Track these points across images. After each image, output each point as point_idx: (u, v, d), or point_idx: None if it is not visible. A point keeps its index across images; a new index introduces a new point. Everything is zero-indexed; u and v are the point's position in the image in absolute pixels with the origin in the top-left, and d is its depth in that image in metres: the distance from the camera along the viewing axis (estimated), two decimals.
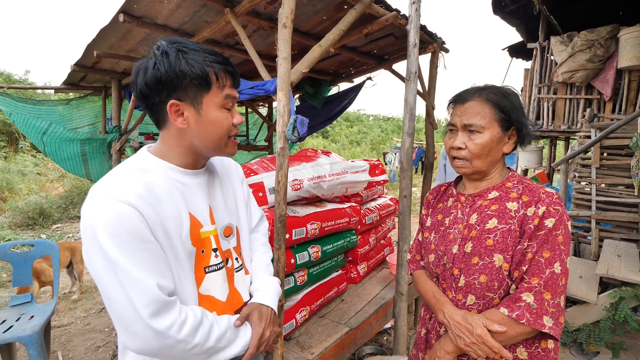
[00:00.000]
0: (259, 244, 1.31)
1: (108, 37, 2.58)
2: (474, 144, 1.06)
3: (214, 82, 0.92)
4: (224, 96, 0.94)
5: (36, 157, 10.01)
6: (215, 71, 0.92)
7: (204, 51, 0.92)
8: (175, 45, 0.90)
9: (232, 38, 2.73)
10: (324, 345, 2.05)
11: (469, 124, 1.06)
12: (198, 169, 1.04)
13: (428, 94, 3.16)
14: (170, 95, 0.90)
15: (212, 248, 1.03)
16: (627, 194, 4.19)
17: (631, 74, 5.33)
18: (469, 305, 1.08)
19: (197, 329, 0.90)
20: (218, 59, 0.93)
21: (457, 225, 1.15)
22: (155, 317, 0.82)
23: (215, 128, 0.95)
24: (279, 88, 1.68)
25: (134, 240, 0.82)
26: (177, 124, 0.93)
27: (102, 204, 0.82)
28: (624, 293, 2.89)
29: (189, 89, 0.90)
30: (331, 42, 1.94)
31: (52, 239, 6.35)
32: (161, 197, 0.91)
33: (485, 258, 1.04)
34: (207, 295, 1.02)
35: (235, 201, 1.17)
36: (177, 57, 0.88)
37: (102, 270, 0.81)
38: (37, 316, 2.57)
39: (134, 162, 0.96)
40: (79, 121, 4.23)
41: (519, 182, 1.12)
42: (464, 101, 1.10)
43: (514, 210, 1.06)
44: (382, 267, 3.23)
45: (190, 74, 0.88)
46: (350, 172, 2.60)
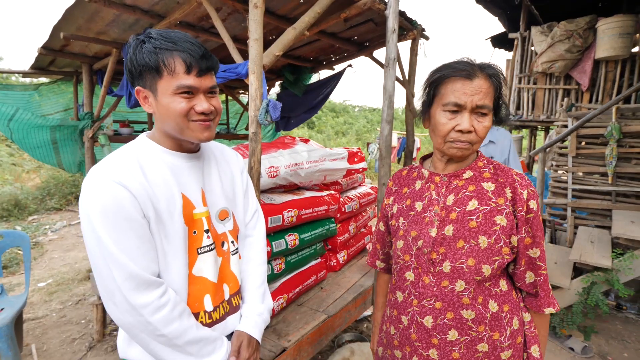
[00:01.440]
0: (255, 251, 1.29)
1: (75, 18, 2.46)
2: (483, 126, 0.99)
3: (163, 69, 0.93)
4: (177, 85, 0.94)
5: (10, 147, 9.66)
6: (163, 58, 0.93)
7: (163, 39, 0.94)
8: (142, 36, 0.96)
9: (207, 21, 2.64)
10: (301, 333, 2.04)
11: (481, 105, 0.96)
12: (190, 153, 1.08)
13: (408, 82, 3.14)
14: (137, 82, 0.98)
15: (204, 229, 1.07)
16: (602, 182, 4.30)
17: (608, 65, 5.42)
18: (459, 292, 1.02)
19: (172, 322, 0.94)
20: (172, 45, 0.94)
21: (433, 207, 1.09)
22: (133, 291, 0.89)
23: (169, 113, 0.96)
24: (251, 71, 1.63)
25: (122, 219, 0.88)
26: (145, 108, 1.01)
27: (96, 183, 0.90)
28: (596, 278, 2.97)
29: (145, 76, 0.96)
30: (306, 24, 1.89)
31: (28, 231, 6.17)
32: (154, 177, 0.97)
33: (470, 241, 1.01)
34: (200, 277, 1.06)
35: (233, 187, 1.20)
36: (136, 47, 0.95)
37: (92, 245, 0.89)
38: (7, 308, 2.50)
39: (132, 145, 1.03)
40: (49, 107, 4.06)
41: (488, 162, 1.11)
42: (472, 77, 0.96)
43: (491, 191, 1.05)
44: (362, 255, 3.24)
45: (143, 62, 0.94)
46: (328, 160, 2.57)
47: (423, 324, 1.06)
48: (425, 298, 1.06)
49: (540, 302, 1.06)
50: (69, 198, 8.06)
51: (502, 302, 1.04)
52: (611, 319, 3.38)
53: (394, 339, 1.17)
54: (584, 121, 3.91)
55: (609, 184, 4.17)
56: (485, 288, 1.03)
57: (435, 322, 1.04)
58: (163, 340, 0.93)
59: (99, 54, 3.37)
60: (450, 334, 1.03)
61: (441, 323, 1.04)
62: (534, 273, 1.04)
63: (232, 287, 1.16)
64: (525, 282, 1.06)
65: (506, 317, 1.04)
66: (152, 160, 1.00)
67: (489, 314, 1.02)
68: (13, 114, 3.32)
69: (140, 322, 0.90)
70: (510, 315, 1.05)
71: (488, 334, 1.02)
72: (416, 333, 1.08)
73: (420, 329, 1.07)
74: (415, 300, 1.08)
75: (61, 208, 7.76)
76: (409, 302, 1.11)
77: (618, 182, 4.17)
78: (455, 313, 1.02)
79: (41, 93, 3.99)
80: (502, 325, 1.03)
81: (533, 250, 1.02)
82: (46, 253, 5.32)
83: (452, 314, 1.03)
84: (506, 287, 1.06)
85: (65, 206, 7.86)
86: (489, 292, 1.03)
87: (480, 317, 1.02)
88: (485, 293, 1.03)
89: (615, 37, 5.07)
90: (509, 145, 2.89)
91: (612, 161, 4.00)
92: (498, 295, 1.04)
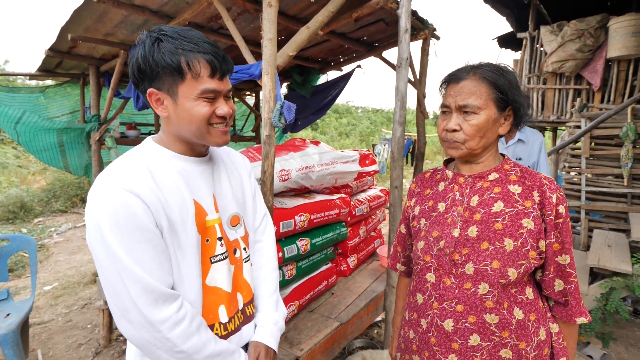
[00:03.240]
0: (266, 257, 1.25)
1: (83, 19, 2.42)
2: (469, 125, 1.00)
3: (187, 72, 0.87)
4: (201, 90, 0.89)
5: (17, 149, 9.69)
6: (187, 60, 0.87)
7: (182, 38, 0.88)
8: (154, 33, 0.88)
9: (216, 22, 2.60)
10: (314, 341, 1.99)
11: (463, 104, 0.99)
12: (200, 157, 1.03)
13: (419, 82, 3.08)
14: (150, 83, 0.90)
15: (217, 237, 1.02)
16: (616, 184, 4.21)
17: (620, 64, 5.33)
18: (483, 295, 0.98)
19: (191, 336, 0.90)
20: (195, 46, 0.87)
21: (456, 207, 1.07)
22: (149, 306, 0.84)
23: (191, 118, 0.91)
24: (264, 72, 1.58)
25: (135, 229, 0.83)
26: (158, 111, 0.93)
27: (106, 192, 0.84)
28: (615, 283, 2.89)
29: (163, 78, 0.88)
30: (319, 24, 1.84)
31: (34, 234, 6.16)
32: (166, 184, 0.92)
33: (495, 243, 0.98)
34: (214, 287, 1.01)
35: (242, 192, 1.16)
36: (152, 46, 0.87)
37: (103, 257, 0.83)
38: (13, 314, 2.47)
39: (139, 150, 0.97)
40: (56, 110, 4.04)
41: (514, 165, 1.09)
42: (459, 80, 1.02)
43: (518, 193, 1.02)
44: (372, 260, 3.18)
45: (162, 63, 0.86)
46: (339, 162, 2.51)
47: (443, 327, 1.02)
48: (446, 300, 1.02)
49: (571, 312, 1.02)
50: (74, 200, 8.06)
51: (528, 310, 1.00)
52: (629, 326, 3.29)
53: (413, 344, 1.13)
54: (598, 122, 3.83)
55: (625, 185, 4.08)
56: (511, 294, 0.99)
57: (456, 325, 1.00)
58: (182, 357, 0.89)
59: (107, 56, 3.33)
60: (472, 339, 0.99)
61: (462, 327, 1.00)
62: (564, 281, 1.01)
63: (245, 296, 1.12)
64: (554, 290, 1.02)
65: (533, 327, 1.00)
66: (161, 165, 0.94)
67: (514, 321, 0.98)
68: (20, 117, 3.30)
69: (158, 339, 0.85)
70: (537, 325, 1.01)
71: (513, 342, 0.98)
72: (435, 337, 1.04)
73: (440, 332, 1.03)
74: (436, 303, 1.05)
75: (67, 210, 7.76)
76: (429, 305, 1.07)
77: (634, 184, 4.08)
78: (478, 317, 0.98)
79: (47, 95, 3.97)
80: (529, 334, 0.99)
81: (562, 257, 0.99)
82: (52, 256, 5.30)
83: (475, 317, 0.99)
84: (532, 295, 1.02)
85: (70, 208, 7.85)
86: (515, 299, 0.99)
87: (505, 323, 0.98)
88: (511, 299, 0.99)
89: (628, 36, 4.98)
90: (540, 147, 2.75)
91: (627, 162, 3.92)
92: (524, 303, 1.00)
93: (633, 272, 2.87)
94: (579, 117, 4.76)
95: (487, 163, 1.09)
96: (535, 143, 2.75)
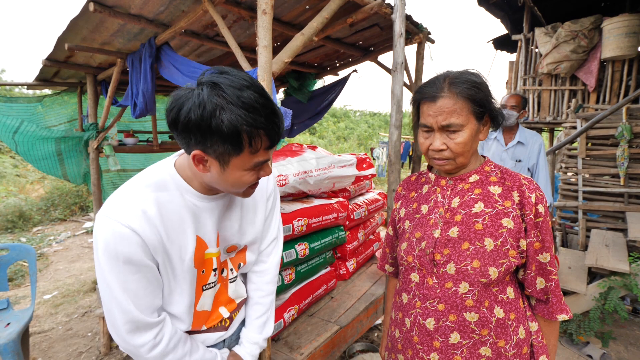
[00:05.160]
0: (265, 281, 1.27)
1: (79, 29, 2.44)
2: (455, 143, 1.01)
3: (246, 147, 0.82)
4: (255, 163, 0.87)
5: (15, 158, 9.70)
6: (250, 136, 0.81)
7: (245, 108, 0.79)
8: (215, 98, 0.78)
9: (212, 29, 2.62)
10: (314, 345, 1.99)
11: (446, 124, 0.99)
12: (216, 194, 1.02)
13: (415, 86, 3.10)
14: (197, 144, 0.83)
15: (212, 268, 1.06)
16: (613, 184, 4.23)
17: (614, 65, 5.37)
18: (463, 294, 1.01)
19: (166, 355, 0.97)
20: (259, 119, 0.81)
21: (438, 209, 1.10)
22: (130, 333, 0.91)
23: (236, 184, 0.91)
24: (260, 78, 1.60)
25: (128, 263, 0.86)
26: (197, 168, 0.88)
27: (105, 224, 0.85)
28: (614, 282, 2.90)
29: (217, 146, 0.82)
30: (314, 30, 1.86)
31: (33, 243, 6.15)
32: (170, 218, 0.92)
33: (476, 243, 1.01)
34: (202, 311, 1.08)
35: (253, 220, 1.15)
36: (212, 112, 0.78)
37: (100, 282, 0.89)
38: (13, 323, 2.47)
39: (156, 174, 0.94)
40: (54, 119, 4.04)
41: (495, 167, 1.12)
42: (434, 99, 1.00)
43: (498, 194, 1.05)
44: (371, 263, 3.18)
45: (221, 135, 0.79)
46: (337, 167, 2.53)
47: (425, 326, 1.05)
48: (429, 300, 1.05)
49: (552, 309, 1.05)
50: (73, 208, 8.06)
51: (508, 309, 1.03)
52: (628, 325, 3.29)
53: (398, 343, 1.16)
54: (594, 122, 3.85)
55: (621, 185, 4.10)
56: (492, 293, 1.02)
57: (437, 324, 1.03)
58: None
59: (104, 65, 3.35)
60: (453, 337, 1.02)
61: (443, 325, 1.02)
62: (545, 279, 1.03)
63: (229, 307, 1.17)
64: (536, 288, 1.04)
65: (512, 326, 1.02)
66: (173, 199, 0.93)
67: (494, 319, 1.01)
68: (18, 126, 3.30)
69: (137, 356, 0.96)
70: (516, 323, 1.03)
71: (492, 340, 1.01)
72: (418, 335, 1.07)
73: (422, 331, 1.06)
74: (419, 302, 1.08)
75: (65, 219, 7.76)
76: (412, 304, 1.10)
77: (630, 183, 4.10)
78: (458, 315, 1.01)
79: (45, 105, 3.98)
80: (508, 333, 1.02)
81: (543, 255, 1.02)
82: (51, 264, 5.29)
83: (455, 316, 1.01)
84: (513, 295, 1.05)
85: (69, 217, 7.85)
86: (495, 298, 1.02)
87: (484, 321, 1.00)
88: (492, 298, 1.02)
89: (622, 37, 5.02)
90: (539, 149, 2.75)
91: (623, 162, 3.94)
92: (505, 302, 1.03)
93: (631, 271, 2.88)
94: (574, 118, 4.78)
95: (469, 166, 1.11)
96: (534, 145, 2.76)
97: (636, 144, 4.07)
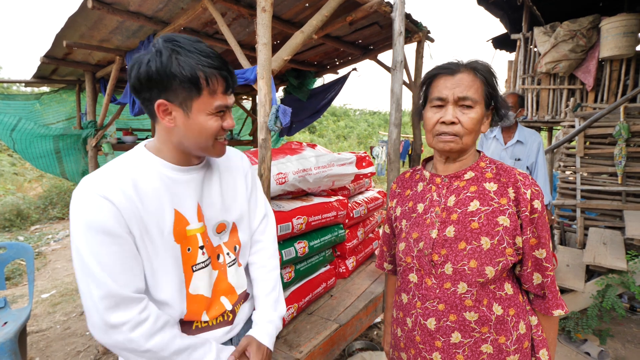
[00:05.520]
0: (266, 257, 1.26)
1: (78, 26, 2.43)
2: (468, 118, 0.99)
3: (204, 87, 0.89)
4: (216, 105, 0.92)
5: (12, 156, 9.65)
6: (207, 75, 0.88)
7: (199, 53, 0.88)
8: (170, 44, 0.87)
9: (211, 27, 2.61)
10: (313, 343, 1.99)
11: (463, 96, 0.99)
12: (192, 166, 1.03)
13: (414, 84, 3.10)
14: (160, 94, 0.89)
15: (198, 246, 1.03)
16: (611, 182, 4.24)
17: (612, 64, 5.39)
18: (462, 294, 1.00)
19: (154, 335, 0.91)
20: (213, 62, 0.89)
21: (434, 208, 1.09)
22: (110, 310, 0.85)
23: (202, 132, 0.94)
24: (260, 76, 1.60)
25: (102, 233, 0.84)
26: (164, 122, 0.93)
27: (82, 196, 0.86)
28: (611, 280, 2.91)
29: (178, 91, 0.88)
30: (314, 28, 1.86)
31: (31, 241, 6.13)
32: (145, 193, 0.92)
33: (472, 242, 1.00)
34: (197, 295, 1.03)
35: (234, 196, 1.15)
36: (169, 58, 0.86)
37: (74, 258, 0.86)
38: (10, 322, 2.45)
39: (128, 157, 0.98)
40: (52, 117, 4.03)
41: (490, 162, 1.10)
42: (453, 72, 1.01)
43: (493, 191, 1.04)
44: (370, 261, 3.18)
45: (180, 77, 0.86)
46: (336, 165, 2.53)
47: (426, 326, 1.05)
48: (428, 300, 1.05)
49: (548, 304, 1.05)
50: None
51: (507, 305, 1.02)
52: (626, 322, 3.31)
53: (400, 341, 1.16)
54: (591, 121, 3.86)
55: (619, 184, 4.11)
56: (490, 291, 1.02)
57: (438, 324, 1.03)
58: (149, 356, 0.91)
59: (102, 62, 3.34)
60: (454, 337, 1.02)
61: (444, 325, 1.03)
62: (541, 274, 1.03)
63: (231, 298, 1.13)
64: (533, 283, 1.04)
65: (512, 321, 1.02)
66: (147, 173, 0.95)
67: (493, 317, 1.01)
68: (16, 124, 3.29)
69: (121, 341, 0.87)
70: (516, 319, 1.03)
71: (493, 337, 1.01)
72: (420, 335, 1.07)
73: (424, 331, 1.06)
74: (419, 302, 1.08)
75: (64, 217, 7.73)
76: (412, 304, 1.10)
77: (628, 182, 4.12)
78: (458, 315, 1.01)
79: (43, 102, 3.97)
80: (508, 329, 1.02)
81: (539, 251, 1.01)
82: (49, 263, 5.27)
83: (455, 316, 1.01)
84: (512, 290, 1.05)
85: (67, 215, 7.82)
86: (494, 295, 1.02)
87: (484, 319, 1.00)
88: (490, 296, 1.01)
89: (620, 36, 5.03)
90: (538, 148, 2.76)
91: (621, 161, 3.95)
92: (503, 298, 1.02)
93: (628, 269, 2.90)
94: (573, 117, 4.80)
95: (465, 161, 1.10)
96: (533, 144, 2.77)
97: (634, 143, 4.08)
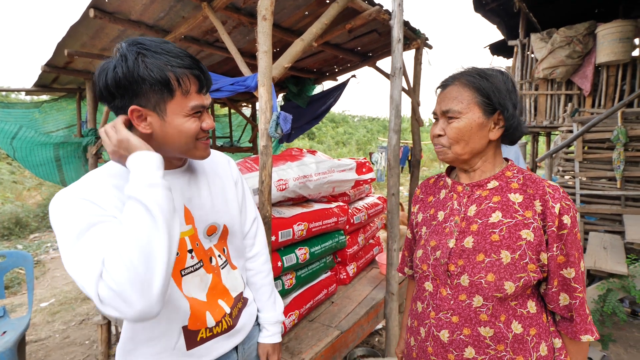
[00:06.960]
0: (260, 262, 1.28)
1: (79, 35, 2.45)
2: (450, 128, 1.01)
3: (176, 88, 0.85)
4: (191, 106, 0.88)
5: (12, 164, 9.65)
6: (177, 76, 0.85)
7: (167, 53, 0.85)
8: (135, 47, 0.84)
9: (212, 35, 2.64)
10: (315, 350, 1.98)
11: (445, 110, 1.01)
12: (174, 169, 1.01)
13: (413, 91, 3.13)
14: (132, 100, 0.85)
15: (187, 249, 1.00)
16: (610, 187, 4.25)
17: (609, 70, 5.43)
18: (477, 308, 0.96)
19: None
20: (183, 61, 0.86)
21: (454, 217, 1.05)
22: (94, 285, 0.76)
23: (181, 135, 0.90)
24: (260, 83, 1.61)
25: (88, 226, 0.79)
26: (140, 129, 0.88)
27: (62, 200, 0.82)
28: (612, 285, 2.90)
29: (149, 94, 0.84)
30: (314, 36, 1.87)
31: (30, 250, 6.11)
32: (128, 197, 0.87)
33: (492, 255, 0.95)
34: (192, 298, 1.02)
35: (225, 199, 1.13)
36: (135, 61, 0.82)
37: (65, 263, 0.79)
38: (9, 331, 2.43)
39: (109, 166, 0.94)
40: (52, 125, 4.04)
41: (518, 171, 1.04)
42: (445, 87, 1.05)
43: (518, 203, 0.98)
44: (371, 267, 3.18)
45: (150, 80, 0.82)
46: (336, 171, 2.53)
47: (439, 337, 1.01)
48: (442, 311, 1.01)
49: (576, 328, 0.97)
50: None
51: (528, 324, 0.97)
52: (628, 327, 3.30)
53: (413, 351, 1.13)
54: (589, 126, 3.89)
55: (618, 188, 4.13)
56: (510, 307, 0.96)
57: (451, 337, 0.99)
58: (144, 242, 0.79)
59: None
60: (467, 352, 0.97)
61: (457, 339, 0.98)
62: (569, 295, 0.95)
63: (227, 300, 1.12)
64: (559, 304, 0.97)
65: (532, 342, 0.96)
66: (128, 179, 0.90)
67: (510, 335, 0.95)
68: (16, 132, 3.30)
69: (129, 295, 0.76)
70: (537, 339, 0.97)
71: (509, 355, 0.95)
72: (432, 347, 1.04)
73: (437, 342, 1.02)
74: (433, 312, 1.04)
75: None
76: (427, 314, 1.06)
77: (627, 186, 4.13)
78: (472, 329, 0.97)
79: (43, 110, 3.98)
80: (527, 349, 0.96)
81: (567, 270, 0.94)
82: (48, 272, 5.25)
83: (469, 330, 0.97)
84: (535, 309, 0.99)
85: None
86: (514, 312, 0.96)
87: (500, 336, 0.95)
88: (510, 312, 0.96)
89: (616, 42, 5.09)
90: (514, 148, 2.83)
91: (619, 165, 3.97)
92: (524, 317, 0.97)
93: (629, 273, 2.90)
94: (571, 122, 4.82)
95: (484, 170, 1.05)
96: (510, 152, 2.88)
97: (632, 147, 4.10)
